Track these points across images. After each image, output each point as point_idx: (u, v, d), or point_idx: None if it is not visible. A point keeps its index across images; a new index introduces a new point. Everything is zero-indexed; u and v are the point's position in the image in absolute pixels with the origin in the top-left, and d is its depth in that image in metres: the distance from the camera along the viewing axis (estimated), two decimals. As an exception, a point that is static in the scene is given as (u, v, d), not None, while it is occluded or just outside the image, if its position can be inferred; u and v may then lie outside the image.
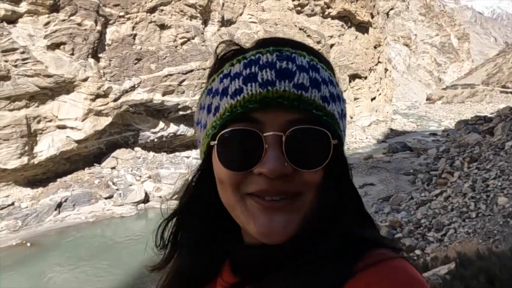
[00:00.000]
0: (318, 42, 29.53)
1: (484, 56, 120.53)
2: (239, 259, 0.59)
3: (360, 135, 31.23)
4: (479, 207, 10.14)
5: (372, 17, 36.04)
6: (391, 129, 34.80)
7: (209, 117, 0.57)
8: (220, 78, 0.57)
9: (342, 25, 32.62)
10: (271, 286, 0.53)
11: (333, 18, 31.94)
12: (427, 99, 72.41)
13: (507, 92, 62.60)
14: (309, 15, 30.73)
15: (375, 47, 36.92)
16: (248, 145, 0.52)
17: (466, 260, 4.31)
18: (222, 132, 0.54)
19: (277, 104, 0.51)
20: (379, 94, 37.73)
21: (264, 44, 0.57)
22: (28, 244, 11.81)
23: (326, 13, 31.48)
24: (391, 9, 45.22)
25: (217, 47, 0.62)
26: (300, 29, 29.22)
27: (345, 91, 32.22)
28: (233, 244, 0.61)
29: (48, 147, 14.93)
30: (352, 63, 32.92)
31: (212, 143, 0.56)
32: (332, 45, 31.65)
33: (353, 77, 33.36)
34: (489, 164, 13.55)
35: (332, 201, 0.55)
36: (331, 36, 31.61)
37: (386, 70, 40.30)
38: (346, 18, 32.83)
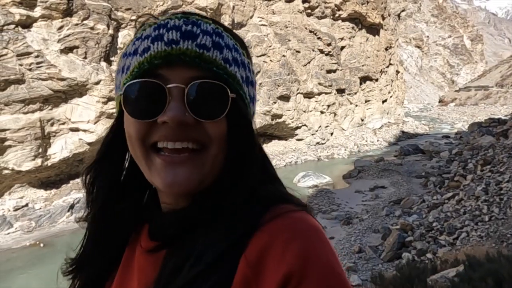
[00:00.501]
0: (329, 45, 29.46)
1: (498, 57, 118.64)
2: (155, 225, 0.62)
3: (372, 137, 31.00)
4: (492, 210, 9.97)
5: (383, 19, 35.83)
6: (403, 132, 34.45)
7: (122, 77, 0.61)
8: (133, 41, 0.62)
9: (352, 27, 32.49)
10: (184, 248, 0.56)
11: (343, 20, 31.84)
12: (439, 101, 71.55)
13: (522, 94, 61.48)
14: (319, 18, 30.69)
15: (386, 49, 36.67)
16: (153, 96, 0.56)
17: (475, 263, 4.25)
18: (129, 82, 0.58)
19: (180, 61, 0.56)
20: (391, 97, 37.42)
21: (176, 14, 0.62)
22: (42, 245, 12.00)
23: (337, 15, 31.39)
24: (403, 10, 44.83)
25: (137, 18, 0.68)
26: (310, 31, 29.20)
27: (356, 93, 32.05)
28: (148, 209, 0.66)
29: (61, 149, 15.17)
30: (363, 65, 32.74)
31: (119, 93, 0.60)
32: (342, 47, 31.52)
33: (364, 79, 33.16)
34: (503, 167, 13.32)
35: (235, 156, 0.59)
36: (342, 38, 31.49)
37: (397, 72, 39.97)
38: (357, 20, 32.69)
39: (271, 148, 25.99)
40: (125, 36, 17.93)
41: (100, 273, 0.68)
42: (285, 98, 26.27)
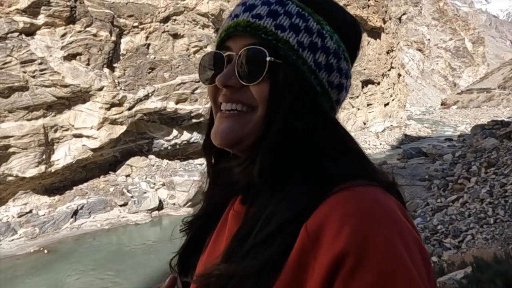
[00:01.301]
0: (330, 49, 29.47)
1: (500, 59, 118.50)
2: (225, 179, 0.69)
3: (374, 141, 30.94)
4: (497, 212, 9.92)
5: (384, 22, 35.89)
6: (405, 135, 34.36)
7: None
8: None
9: (354, 31, 32.53)
10: (255, 213, 0.59)
11: (345, 24, 31.88)
12: (442, 104, 71.40)
13: (524, 96, 61.28)
14: (320, 22, 30.77)
15: (387, 53, 36.69)
16: (214, 64, 0.66)
17: (483, 264, 4.22)
18: (203, 55, 0.68)
19: (236, 32, 0.62)
20: (393, 100, 37.38)
21: None
22: (46, 251, 12.01)
23: (338, 19, 31.46)
24: (404, 14, 44.94)
25: None
26: (311, 36, 29.26)
27: (358, 97, 32.03)
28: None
29: (64, 155, 15.21)
30: (364, 69, 32.77)
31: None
32: (344, 51, 31.53)
33: (365, 83, 33.16)
34: (507, 169, 13.27)
35: (271, 119, 0.59)
36: (343, 42, 31.52)
37: (399, 75, 39.96)
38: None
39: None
40: (128, 42, 18.03)
41: (204, 231, 0.76)
42: (287, 102, 26.26)
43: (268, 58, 0.59)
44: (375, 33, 34.57)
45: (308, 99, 0.61)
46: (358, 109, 32.10)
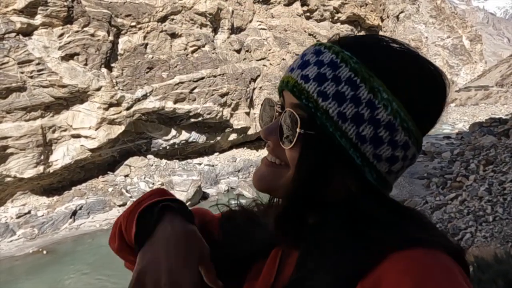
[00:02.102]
0: (328, 47, 29.48)
1: (497, 57, 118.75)
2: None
3: (372, 139, 30.97)
4: (496, 210, 9.94)
5: (382, 20, 35.90)
6: (404, 133, 34.32)
7: None
8: None
9: (352, 30, 32.52)
10: (302, 260, 0.60)
11: (342, 23, 31.90)
12: (440, 102, 71.33)
13: (522, 93, 61.45)
14: (318, 21, 30.76)
15: (385, 51, 36.69)
16: (266, 113, 0.69)
17: (484, 264, 4.22)
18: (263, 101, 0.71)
19: (286, 88, 0.62)
20: (391, 98, 37.42)
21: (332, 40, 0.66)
22: (45, 252, 11.98)
23: (336, 18, 31.46)
24: (401, 12, 44.95)
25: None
26: (309, 34, 29.25)
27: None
28: None
29: (63, 156, 15.17)
30: (362, 67, 32.79)
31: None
32: (342, 50, 31.57)
33: (364, 81, 33.17)
34: (505, 167, 13.29)
35: (299, 185, 0.60)
36: (341, 41, 31.54)
37: (397, 73, 39.96)
38: (356, 22, 32.76)
39: (273, 152, 25.96)
40: (125, 42, 17.98)
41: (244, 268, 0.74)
42: (285, 101, 26.26)
43: (298, 130, 0.59)
44: (373, 31, 34.55)
45: (344, 169, 0.58)
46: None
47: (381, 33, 36.03)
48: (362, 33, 34.53)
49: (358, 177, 0.59)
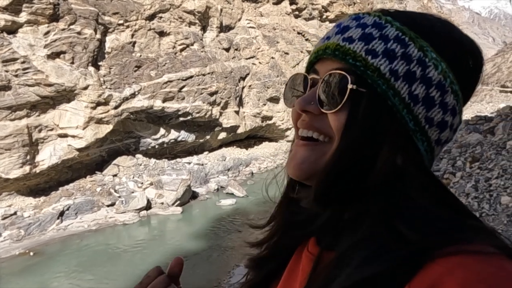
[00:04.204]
0: (317, 46, 29.64)
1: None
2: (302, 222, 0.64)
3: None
4: (483, 206, 10.09)
5: (370, 19, 36.22)
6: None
7: None
8: None
9: (340, 28, 32.74)
10: (336, 258, 0.52)
11: (331, 21, 32.03)
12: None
13: (506, 92, 62.60)
14: (307, 19, 30.84)
15: (373, 50, 37.00)
16: (297, 86, 0.63)
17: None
18: (290, 77, 0.66)
19: (325, 54, 0.58)
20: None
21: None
22: (31, 254, 11.79)
23: (324, 16, 31.58)
24: (389, 11, 45.55)
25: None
26: (298, 33, 29.32)
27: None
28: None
29: (49, 156, 14.95)
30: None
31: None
32: (331, 49, 31.76)
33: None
34: (491, 164, 13.50)
35: (341, 153, 0.54)
36: (330, 40, 31.72)
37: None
38: (344, 21, 32.96)
39: (262, 150, 25.98)
40: (113, 40, 17.78)
41: (269, 272, 0.71)
42: (275, 100, 26.29)
43: (350, 86, 0.53)
44: (361, 30, 34.92)
45: (394, 136, 0.53)
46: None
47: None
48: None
49: (406, 148, 0.54)
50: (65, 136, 15.45)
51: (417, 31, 0.54)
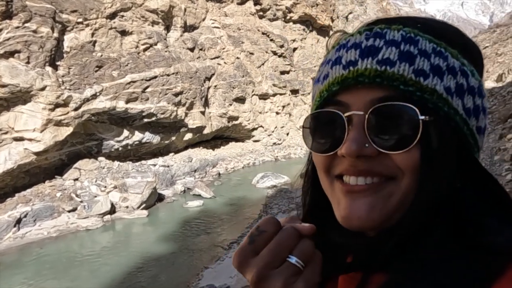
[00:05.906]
0: (281, 46, 29.92)
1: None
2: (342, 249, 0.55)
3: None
4: None
5: (332, 21, 36.97)
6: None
7: (311, 104, 0.60)
8: (319, 67, 0.58)
9: (304, 29, 33.23)
10: (390, 280, 0.47)
11: (295, 22, 32.49)
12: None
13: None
14: (271, 20, 31.10)
15: (336, 50, 37.83)
16: (330, 127, 0.51)
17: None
18: (308, 115, 0.55)
19: (358, 83, 0.49)
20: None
21: (362, 27, 0.54)
22: (-14, 264, 11.15)
23: (288, 17, 31.98)
24: (350, 13, 46.57)
25: (328, 39, 0.60)
26: (263, 33, 29.50)
27: (309, 93, 32.80)
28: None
29: (4, 160, 14.20)
30: (315, 66, 33.58)
31: (299, 127, 0.56)
32: (295, 49, 32.16)
33: (316, 79, 34.04)
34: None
35: (435, 188, 0.47)
36: (294, 40, 32.13)
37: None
38: (308, 22, 33.49)
39: (229, 151, 25.94)
40: (72, 39, 17.14)
41: None
42: (240, 100, 26.32)
43: (421, 117, 0.46)
44: (324, 31, 35.51)
45: (465, 158, 0.49)
46: (310, 105, 32.91)
47: (331, 33, 37.03)
48: (314, 32, 35.34)
49: (472, 166, 0.50)
50: (21, 139, 14.72)
51: (440, 39, 0.50)
